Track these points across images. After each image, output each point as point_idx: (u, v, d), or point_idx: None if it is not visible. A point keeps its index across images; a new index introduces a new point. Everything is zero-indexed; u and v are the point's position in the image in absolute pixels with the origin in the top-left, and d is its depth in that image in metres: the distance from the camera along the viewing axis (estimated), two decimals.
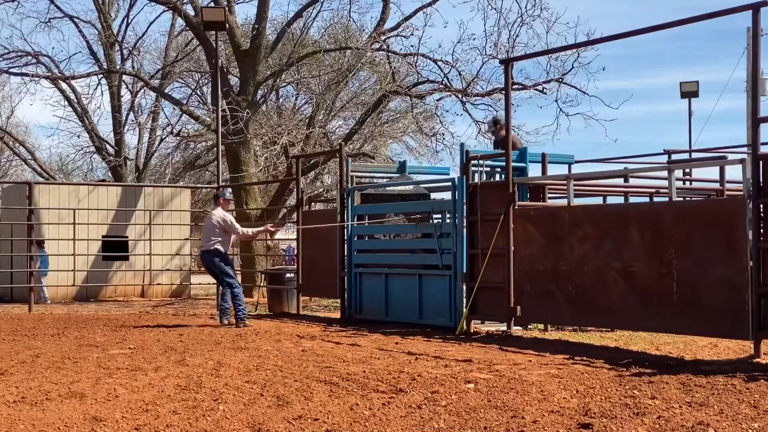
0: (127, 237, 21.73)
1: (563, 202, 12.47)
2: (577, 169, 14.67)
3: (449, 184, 13.80)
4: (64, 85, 32.61)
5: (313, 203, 20.72)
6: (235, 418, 6.53)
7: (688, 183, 16.08)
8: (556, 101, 23.88)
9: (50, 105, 54.55)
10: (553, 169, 14.19)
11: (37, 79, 29.89)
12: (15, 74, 29.73)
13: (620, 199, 14.40)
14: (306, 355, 10.07)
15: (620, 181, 14.35)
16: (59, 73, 30.19)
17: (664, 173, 12.34)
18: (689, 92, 27.73)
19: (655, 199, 14.15)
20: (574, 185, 12.15)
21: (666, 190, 12.01)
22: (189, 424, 6.36)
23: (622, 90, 69.68)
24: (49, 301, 20.33)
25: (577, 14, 40.53)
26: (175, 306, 18.75)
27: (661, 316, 10.31)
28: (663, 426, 6.15)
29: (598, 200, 14.56)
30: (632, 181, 14.57)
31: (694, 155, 18.66)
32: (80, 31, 31.91)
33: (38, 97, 75.70)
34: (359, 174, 16.18)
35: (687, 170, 16.43)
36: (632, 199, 14.29)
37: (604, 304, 11.03)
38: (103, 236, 21.29)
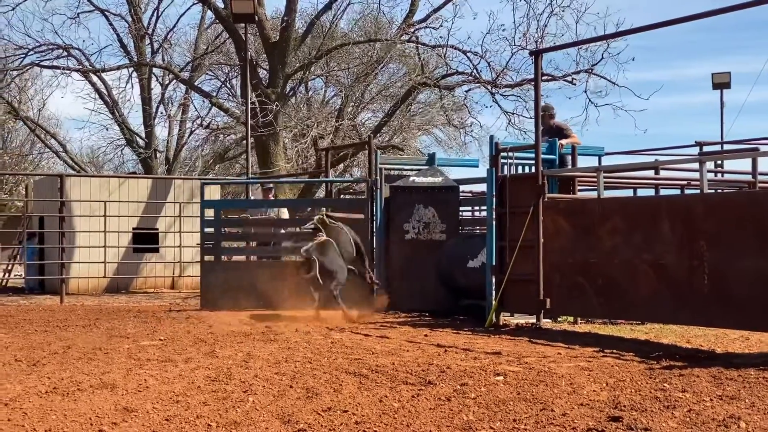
0: (157, 229, 21.82)
1: (593, 194, 12.40)
2: (607, 161, 14.59)
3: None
4: (95, 78, 32.81)
5: (342, 195, 20.70)
6: (264, 410, 6.55)
7: (719, 175, 15.95)
8: (586, 92, 23.81)
9: (81, 98, 54.77)
10: (583, 161, 14.13)
11: (68, 72, 30.14)
12: (46, 67, 29.97)
13: (651, 192, 14.31)
14: (335, 347, 10.08)
15: (651, 173, 14.25)
16: (90, 66, 30.38)
17: (696, 165, 12.24)
18: (721, 83, 27.48)
19: (687, 191, 14.05)
20: (604, 177, 12.09)
21: (697, 182, 11.92)
22: (219, 415, 6.39)
23: (652, 81, 69.11)
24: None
25: (606, 5, 40.19)
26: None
27: (691, 309, 10.24)
28: (694, 419, 6.11)
29: (629, 192, 14.47)
30: (663, 173, 14.46)
31: (726, 147, 18.51)
32: (111, 24, 32.10)
33: (69, 90, 76.07)
34: (388, 166, 16.18)
35: (719, 162, 16.30)
36: (663, 191, 14.19)
37: (634, 296, 10.97)
38: (133, 228, 21.39)
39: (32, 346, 10.28)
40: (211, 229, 16.85)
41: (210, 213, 16.81)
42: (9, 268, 24.72)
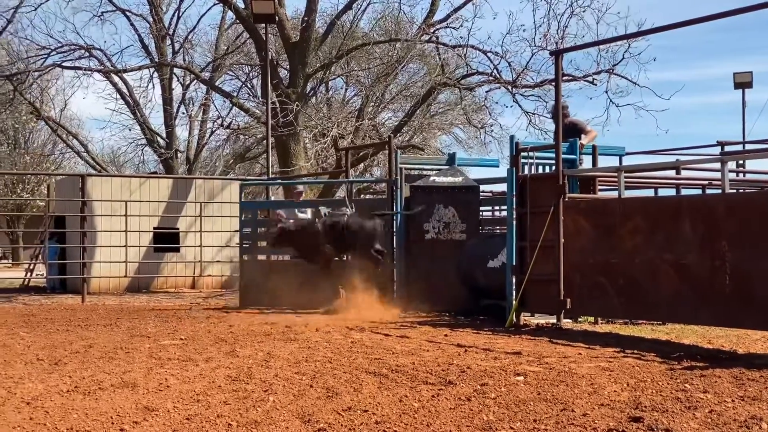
0: (177, 229, 21.90)
1: (614, 194, 12.36)
2: (628, 161, 14.55)
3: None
4: (116, 78, 32.99)
5: (362, 195, 20.73)
6: (284, 409, 6.56)
7: (741, 175, 15.87)
8: (606, 92, 23.74)
9: (103, 98, 55.24)
10: (604, 161, 14.10)
11: (89, 72, 30.26)
12: (68, 68, 30.09)
13: (672, 192, 14.26)
14: (355, 346, 10.09)
15: (672, 173, 14.20)
16: (111, 66, 30.51)
17: (717, 165, 12.18)
18: (743, 83, 27.35)
19: (708, 191, 13.99)
20: (625, 177, 12.06)
21: (719, 182, 11.87)
22: (239, 414, 6.41)
23: (673, 81, 68.88)
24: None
25: (627, 5, 40.04)
26: (225, 297, 18.89)
27: (713, 309, 10.19)
28: (715, 420, 6.08)
29: (650, 192, 14.43)
30: (684, 173, 14.40)
31: (748, 146, 18.42)
32: (132, 25, 32.29)
33: (91, 90, 76.53)
34: (408, 166, 16.18)
35: (740, 162, 16.22)
36: (684, 191, 14.14)
37: (655, 296, 10.92)
38: (154, 228, 21.48)
39: (54, 345, 10.34)
40: (249, 229, 17.05)
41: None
42: (31, 267, 24.89)
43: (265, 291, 15.59)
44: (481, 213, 16.16)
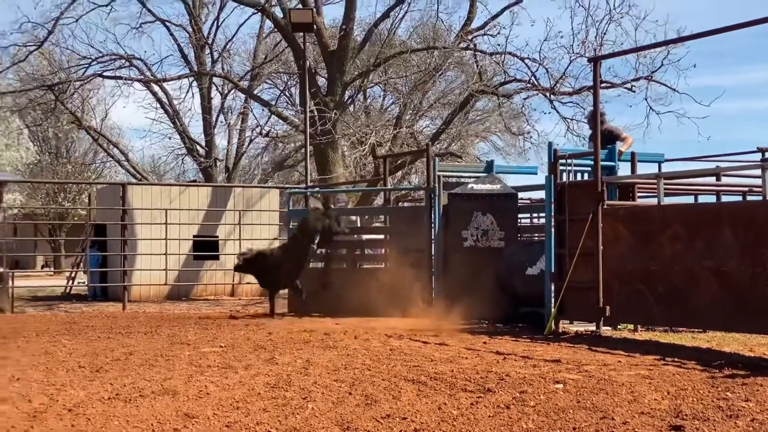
0: (217, 237, 22.02)
1: (653, 201, 12.30)
2: (667, 167, 14.45)
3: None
4: (156, 88, 33.26)
5: (400, 203, 20.73)
6: (323, 416, 6.58)
7: None
8: (646, 99, 23.63)
9: (143, 107, 55.71)
10: (643, 168, 14.01)
11: (130, 81, 30.53)
12: (109, 77, 30.41)
13: (712, 198, 14.15)
14: (394, 354, 10.09)
15: (712, 179, 14.09)
16: (151, 75, 30.77)
17: (758, 171, 12.07)
18: None
19: (749, 197, 13.87)
20: (665, 184, 11.98)
21: (760, 189, 11.76)
22: (279, 421, 6.44)
23: (713, 87, 68.36)
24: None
25: (666, 11, 39.93)
26: (264, 305, 18.95)
27: (754, 317, 10.09)
28: (757, 429, 6.03)
29: (689, 199, 14.32)
30: (725, 180, 14.29)
31: None
32: (171, 35, 32.57)
33: (131, 100, 77.32)
34: (446, 174, 16.18)
35: None
36: (724, 198, 14.03)
37: (695, 304, 10.84)
38: (194, 236, 21.62)
39: (95, 353, 10.43)
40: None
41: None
42: (72, 275, 25.12)
43: (314, 297, 15.82)
44: (519, 220, 16.12)
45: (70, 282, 24.63)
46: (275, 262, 15.76)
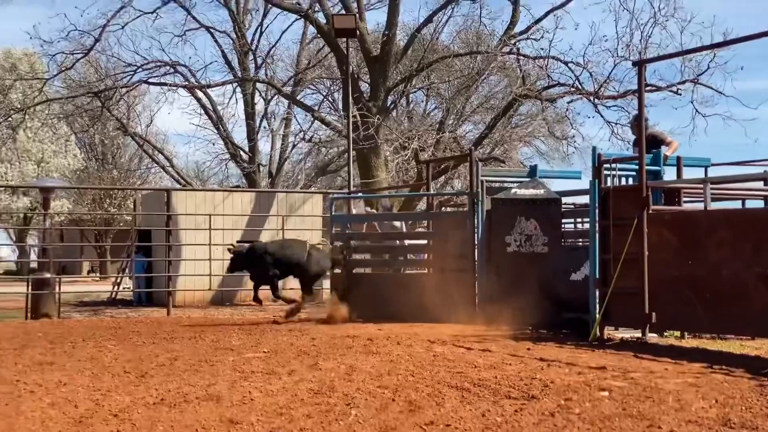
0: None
1: (699, 206, 12.16)
2: (714, 172, 14.30)
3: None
4: (200, 94, 33.52)
5: (443, 208, 20.69)
6: (367, 423, 6.57)
7: None
8: (692, 102, 23.41)
9: (187, 113, 56.03)
10: (689, 173, 13.86)
11: (174, 88, 30.79)
12: (154, 84, 30.69)
13: (760, 203, 13.97)
14: (437, 360, 10.06)
15: (760, 184, 13.92)
16: (196, 82, 31.00)
17: None
18: None
19: None
20: (711, 189, 11.85)
21: None
22: (322, 428, 6.44)
23: (760, 90, 67.55)
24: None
25: (713, 13, 39.62)
26: (308, 310, 18.98)
27: None
28: None
29: (737, 204, 14.15)
30: None
31: None
32: (216, 41, 32.79)
33: (176, 106, 78.19)
34: (489, 178, 16.13)
35: None
36: None
37: (743, 311, 10.70)
38: (237, 241, 21.71)
39: (140, 358, 10.49)
40: (339, 243, 17.22)
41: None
42: (118, 281, 25.35)
43: (354, 304, 15.76)
44: (563, 225, 16.02)
45: (116, 287, 24.86)
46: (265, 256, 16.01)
